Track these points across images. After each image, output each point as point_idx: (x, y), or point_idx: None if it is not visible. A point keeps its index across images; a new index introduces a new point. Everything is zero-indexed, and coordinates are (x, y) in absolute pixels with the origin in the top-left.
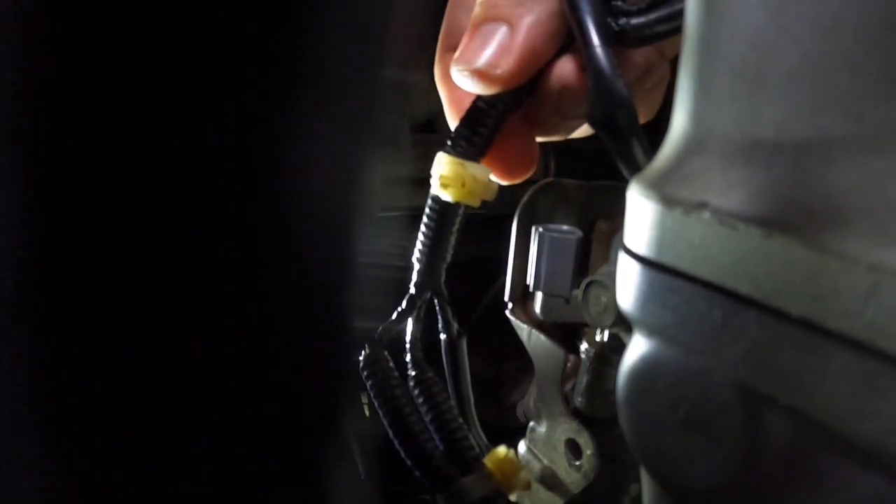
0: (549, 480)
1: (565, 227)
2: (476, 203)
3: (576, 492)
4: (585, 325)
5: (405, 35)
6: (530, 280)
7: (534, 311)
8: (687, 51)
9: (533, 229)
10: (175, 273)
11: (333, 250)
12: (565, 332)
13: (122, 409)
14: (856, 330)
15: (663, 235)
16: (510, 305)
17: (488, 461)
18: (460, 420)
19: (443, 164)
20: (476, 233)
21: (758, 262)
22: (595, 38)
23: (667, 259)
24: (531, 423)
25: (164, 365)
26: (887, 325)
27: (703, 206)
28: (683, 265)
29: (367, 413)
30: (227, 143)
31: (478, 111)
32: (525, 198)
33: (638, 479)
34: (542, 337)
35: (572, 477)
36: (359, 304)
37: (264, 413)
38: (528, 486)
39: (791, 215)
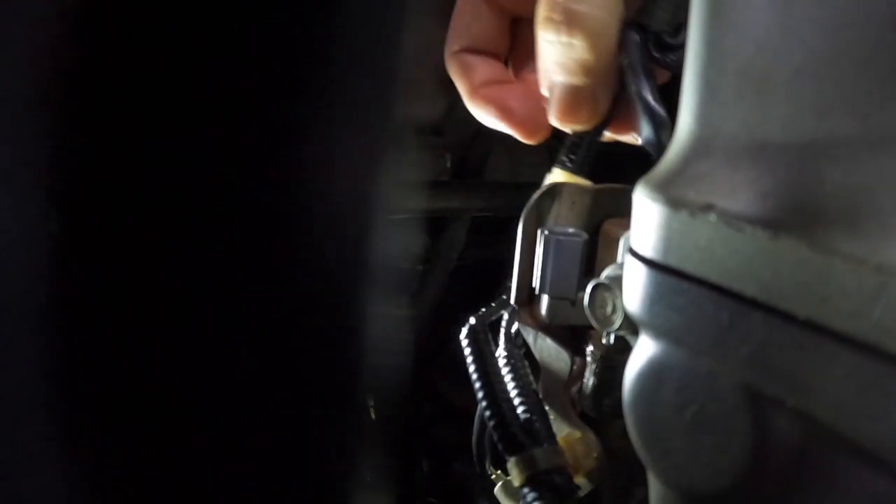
0: None
1: (571, 230)
2: None
3: (582, 495)
4: (591, 327)
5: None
6: (536, 283)
7: (539, 314)
8: (692, 52)
9: (538, 232)
10: (191, 273)
11: (350, 252)
12: (571, 335)
13: (136, 407)
14: (863, 331)
15: (670, 237)
16: (516, 308)
17: (562, 439)
18: (541, 398)
19: (556, 175)
20: (482, 235)
21: (764, 264)
22: (643, 78)
23: (673, 261)
24: None
25: (178, 365)
26: (894, 327)
27: (709, 208)
28: (690, 267)
29: (373, 415)
30: (247, 144)
31: (576, 135)
32: (531, 200)
33: (644, 482)
34: (548, 340)
35: (578, 480)
36: (373, 306)
37: (278, 415)
38: (594, 473)
39: (797, 216)
